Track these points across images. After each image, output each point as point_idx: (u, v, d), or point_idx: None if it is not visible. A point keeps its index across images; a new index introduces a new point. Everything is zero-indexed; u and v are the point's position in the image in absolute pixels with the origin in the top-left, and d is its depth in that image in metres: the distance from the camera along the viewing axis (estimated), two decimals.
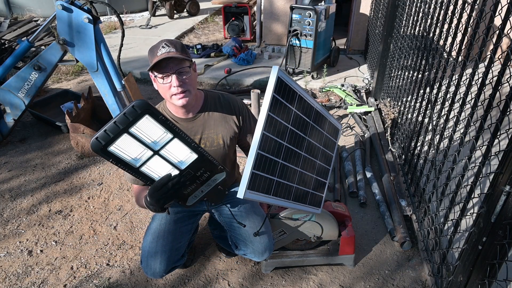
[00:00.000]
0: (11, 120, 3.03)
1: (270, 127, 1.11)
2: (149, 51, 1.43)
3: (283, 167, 1.23)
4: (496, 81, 1.39)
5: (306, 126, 1.33)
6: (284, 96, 1.15)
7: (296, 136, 1.28)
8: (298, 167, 1.33)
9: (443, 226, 1.81)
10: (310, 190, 1.46)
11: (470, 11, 1.71)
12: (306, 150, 1.36)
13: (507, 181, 1.17)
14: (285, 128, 1.19)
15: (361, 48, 5.34)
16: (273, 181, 1.18)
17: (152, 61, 1.38)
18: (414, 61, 2.54)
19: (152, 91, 4.31)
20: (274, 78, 1.07)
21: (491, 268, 1.30)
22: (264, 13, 5.49)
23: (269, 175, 1.15)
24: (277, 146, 1.17)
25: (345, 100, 3.81)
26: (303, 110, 1.29)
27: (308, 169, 1.41)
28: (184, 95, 1.41)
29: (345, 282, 1.92)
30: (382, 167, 2.72)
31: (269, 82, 1.08)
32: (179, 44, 1.40)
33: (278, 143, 1.17)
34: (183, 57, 1.36)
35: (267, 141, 1.11)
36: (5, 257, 2.08)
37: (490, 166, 1.44)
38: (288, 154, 1.24)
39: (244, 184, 1.03)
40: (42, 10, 7.43)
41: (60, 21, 2.59)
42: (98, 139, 1.06)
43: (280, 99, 1.13)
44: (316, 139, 1.43)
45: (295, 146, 1.28)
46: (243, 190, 1.03)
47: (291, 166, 1.28)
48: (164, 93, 1.44)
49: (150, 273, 1.59)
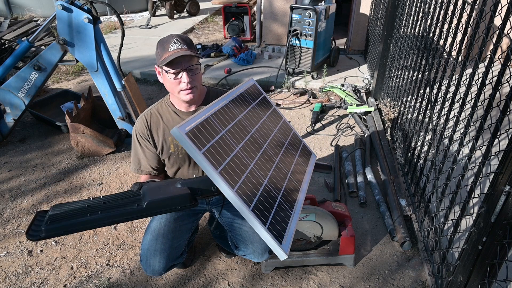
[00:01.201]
0: (11, 120, 3.03)
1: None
2: (158, 45, 1.44)
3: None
4: (496, 81, 1.39)
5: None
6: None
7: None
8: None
9: (443, 226, 1.81)
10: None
11: (470, 11, 1.71)
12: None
13: (507, 181, 1.17)
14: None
15: (361, 48, 5.34)
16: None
17: (162, 56, 1.40)
18: (414, 61, 2.54)
19: (152, 91, 4.31)
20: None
21: (491, 268, 1.30)
22: (264, 13, 5.49)
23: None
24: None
25: (345, 100, 3.81)
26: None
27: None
28: (191, 91, 1.46)
29: (345, 282, 1.92)
30: (382, 167, 2.72)
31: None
32: (189, 40, 1.44)
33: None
34: (194, 54, 1.39)
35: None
36: (5, 257, 2.08)
37: (490, 166, 1.44)
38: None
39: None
40: (42, 10, 7.43)
41: (60, 21, 2.59)
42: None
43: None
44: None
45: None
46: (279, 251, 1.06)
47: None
48: (172, 87, 1.47)
49: (150, 271, 1.60)
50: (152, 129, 1.58)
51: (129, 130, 3.04)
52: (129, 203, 1.16)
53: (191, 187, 1.24)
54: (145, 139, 1.58)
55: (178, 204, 1.19)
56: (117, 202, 1.17)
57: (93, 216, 1.09)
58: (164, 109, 1.59)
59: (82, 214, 1.10)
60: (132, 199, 1.18)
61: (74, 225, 1.07)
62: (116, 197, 1.21)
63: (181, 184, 1.24)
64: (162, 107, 1.60)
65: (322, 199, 2.09)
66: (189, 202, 1.19)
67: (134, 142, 1.62)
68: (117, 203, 1.16)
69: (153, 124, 1.58)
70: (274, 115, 1.62)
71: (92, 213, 1.10)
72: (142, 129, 1.58)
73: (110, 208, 1.13)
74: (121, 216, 1.12)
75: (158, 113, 1.59)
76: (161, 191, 1.20)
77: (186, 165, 1.65)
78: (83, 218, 1.08)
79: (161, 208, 1.18)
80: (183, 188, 1.22)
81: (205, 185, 1.26)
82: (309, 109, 3.81)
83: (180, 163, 1.64)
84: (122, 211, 1.12)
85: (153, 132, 1.58)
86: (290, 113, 3.76)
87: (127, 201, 1.18)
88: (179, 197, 1.18)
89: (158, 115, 1.59)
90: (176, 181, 1.27)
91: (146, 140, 1.58)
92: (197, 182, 1.26)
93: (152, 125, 1.58)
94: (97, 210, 1.11)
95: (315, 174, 2.77)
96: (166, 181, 1.31)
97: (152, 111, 1.60)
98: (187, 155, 1.62)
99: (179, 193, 1.19)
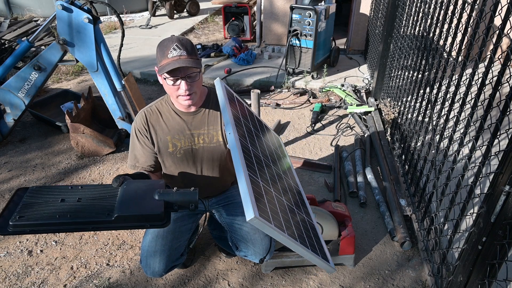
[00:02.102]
0: (11, 120, 3.03)
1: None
2: (158, 48, 1.42)
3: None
4: (496, 81, 1.39)
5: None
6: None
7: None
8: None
9: (443, 226, 1.80)
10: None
11: (470, 11, 1.71)
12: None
13: (507, 181, 1.17)
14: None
15: (361, 48, 5.34)
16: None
17: (161, 62, 1.38)
18: (414, 61, 2.54)
19: (152, 91, 4.31)
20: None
21: (491, 268, 1.30)
22: (264, 13, 5.49)
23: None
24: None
25: (345, 100, 3.81)
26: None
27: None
28: (190, 97, 1.46)
29: (345, 282, 1.92)
30: (382, 167, 2.72)
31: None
32: (189, 45, 1.40)
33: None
34: (192, 66, 1.36)
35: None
36: (5, 257, 2.08)
37: (490, 166, 1.44)
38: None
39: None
40: (42, 10, 7.43)
41: (60, 21, 2.59)
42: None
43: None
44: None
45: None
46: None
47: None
48: (171, 92, 1.47)
49: (150, 272, 1.59)
50: (151, 126, 1.58)
51: (129, 130, 3.04)
52: (100, 209, 1.14)
53: (168, 201, 1.21)
54: (144, 135, 1.58)
55: (148, 222, 1.16)
56: (90, 202, 1.16)
57: (61, 219, 1.09)
58: (165, 108, 1.59)
59: (51, 215, 1.09)
60: (105, 204, 1.16)
61: (40, 225, 1.08)
62: (92, 194, 1.19)
63: (159, 196, 1.20)
64: (163, 105, 1.60)
65: (322, 199, 2.09)
66: (160, 221, 1.17)
67: (132, 137, 1.62)
68: (90, 204, 1.15)
69: (153, 121, 1.58)
70: (243, 108, 1.60)
71: (61, 216, 1.09)
72: (142, 125, 1.58)
73: (80, 211, 1.12)
74: (88, 224, 1.11)
75: (158, 111, 1.59)
76: (134, 203, 1.17)
77: (185, 165, 1.64)
78: (50, 220, 1.08)
79: (130, 223, 1.15)
80: (158, 202, 1.19)
81: (183, 199, 1.23)
82: (309, 109, 3.81)
83: (178, 163, 1.63)
84: (91, 219, 1.11)
85: (152, 129, 1.58)
86: (290, 113, 3.76)
87: (101, 204, 1.16)
88: (150, 216, 1.15)
89: (158, 113, 1.59)
90: (156, 188, 1.23)
91: (144, 136, 1.58)
92: (176, 195, 1.23)
93: (151, 122, 1.58)
94: (67, 212, 1.11)
95: (315, 174, 2.78)
96: (147, 184, 1.27)
97: (153, 108, 1.60)
98: (185, 155, 1.61)
99: (150, 211, 1.16)
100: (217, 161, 1.66)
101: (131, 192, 1.21)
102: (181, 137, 1.58)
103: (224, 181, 1.77)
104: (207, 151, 1.62)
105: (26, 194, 1.17)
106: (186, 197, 1.23)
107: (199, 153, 1.62)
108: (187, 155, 1.61)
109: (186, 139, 1.59)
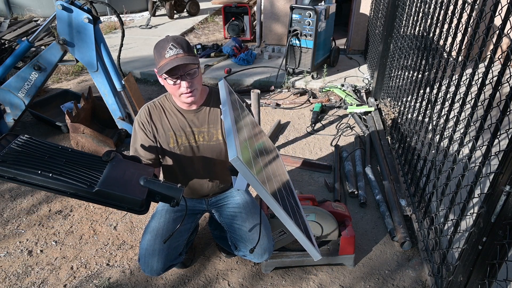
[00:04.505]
0: (11, 120, 3.03)
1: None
2: (155, 50, 1.44)
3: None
4: (496, 81, 1.39)
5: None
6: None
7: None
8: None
9: (443, 226, 1.80)
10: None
11: (470, 11, 1.71)
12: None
13: (507, 181, 1.17)
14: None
15: (361, 48, 5.34)
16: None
17: (160, 63, 1.41)
18: (414, 61, 2.54)
19: (152, 91, 4.31)
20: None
21: (491, 268, 1.30)
22: (264, 13, 5.49)
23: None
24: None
25: (345, 100, 3.81)
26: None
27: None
28: (192, 93, 1.48)
29: (345, 282, 1.92)
30: (382, 167, 2.72)
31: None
32: (185, 43, 1.43)
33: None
34: (190, 62, 1.38)
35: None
36: (5, 257, 2.08)
37: (490, 166, 1.44)
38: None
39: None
40: (42, 10, 7.43)
41: (60, 21, 2.59)
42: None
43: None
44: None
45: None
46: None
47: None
48: (172, 91, 1.49)
49: (148, 271, 1.60)
50: (154, 120, 1.59)
51: (129, 130, 3.04)
52: (84, 178, 1.10)
53: (152, 190, 1.19)
54: (146, 129, 1.59)
55: (127, 205, 1.14)
56: (75, 168, 1.12)
57: (42, 176, 1.04)
58: (167, 105, 1.61)
59: (34, 169, 1.04)
60: (90, 174, 1.12)
61: (21, 176, 1.03)
62: (80, 160, 1.16)
63: (144, 182, 1.18)
64: (166, 102, 1.61)
65: (322, 199, 2.09)
66: (138, 207, 1.15)
67: (134, 131, 1.62)
68: (75, 169, 1.11)
69: (156, 116, 1.59)
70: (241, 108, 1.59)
71: (44, 171, 1.05)
72: (145, 118, 1.59)
73: (63, 173, 1.08)
74: (68, 189, 1.07)
75: (162, 106, 1.61)
76: (118, 182, 1.14)
77: (184, 161, 1.65)
78: (32, 174, 1.04)
79: (108, 201, 1.12)
80: (142, 188, 1.17)
81: (167, 193, 1.21)
82: (309, 109, 3.81)
83: (178, 159, 1.64)
84: (71, 185, 1.07)
85: (155, 124, 1.59)
86: (290, 113, 3.76)
87: (85, 173, 1.11)
88: (130, 200, 1.13)
89: (162, 108, 1.60)
90: (144, 174, 1.21)
91: (147, 130, 1.59)
92: (161, 187, 1.20)
93: (154, 117, 1.59)
94: (50, 169, 1.06)
95: (315, 174, 2.77)
96: (136, 167, 1.25)
97: (156, 103, 1.61)
98: (185, 151, 1.62)
99: (133, 195, 1.13)
100: (217, 159, 1.67)
101: (118, 170, 1.18)
102: (182, 133, 1.60)
103: (223, 180, 1.78)
104: (206, 149, 1.64)
105: (15, 141, 1.11)
106: (170, 191, 1.21)
107: (199, 150, 1.64)
108: (187, 151, 1.62)
109: (187, 136, 1.60)
